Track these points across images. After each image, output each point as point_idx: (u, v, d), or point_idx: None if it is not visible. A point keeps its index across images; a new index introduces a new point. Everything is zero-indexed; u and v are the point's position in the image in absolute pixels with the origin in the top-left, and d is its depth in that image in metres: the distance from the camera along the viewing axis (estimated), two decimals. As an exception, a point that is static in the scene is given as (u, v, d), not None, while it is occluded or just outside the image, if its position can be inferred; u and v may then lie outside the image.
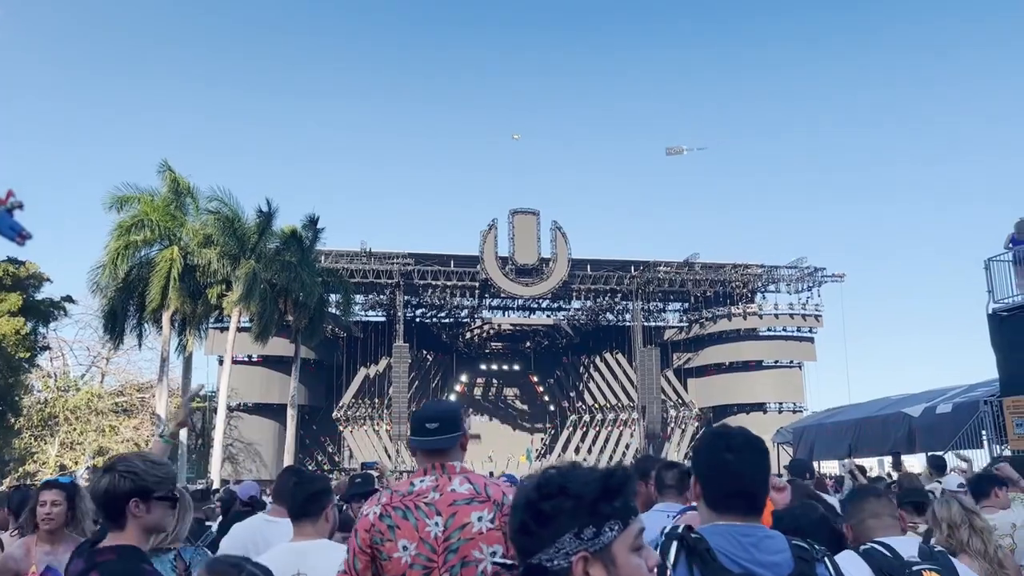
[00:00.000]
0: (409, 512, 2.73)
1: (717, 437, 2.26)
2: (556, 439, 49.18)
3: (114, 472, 2.60)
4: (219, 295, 28.95)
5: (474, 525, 2.71)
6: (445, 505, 2.74)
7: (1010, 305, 15.82)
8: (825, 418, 25.26)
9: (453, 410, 3.01)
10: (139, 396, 38.62)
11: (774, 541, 2.11)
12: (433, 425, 2.88)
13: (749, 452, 2.18)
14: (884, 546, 2.74)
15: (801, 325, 47.34)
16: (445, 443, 2.88)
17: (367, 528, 2.75)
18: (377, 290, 44.68)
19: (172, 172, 28.52)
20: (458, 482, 2.80)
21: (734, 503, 2.12)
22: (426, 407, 3.05)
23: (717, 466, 2.15)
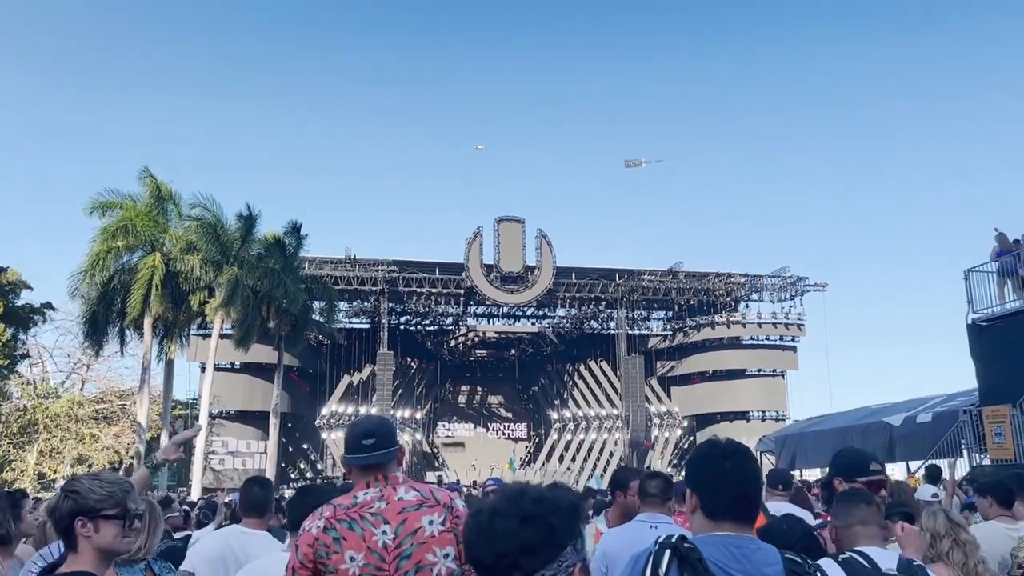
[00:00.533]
0: (355, 523, 2.72)
1: (712, 446, 2.29)
2: (540, 447, 49.14)
3: (59, 492, 2.58)
4: (201, 302, 28.78)
5: (426, 529, 2.72)
6: (394, 513, 2.74)
7: (989, 316, 16.02)
8: (807, 427, 25.41)
9: (388, 425, 3.02)
10: (120, 403, 38.20)
11: (766, 553, 2.13)
12: (369, 441, 2.86)
13: (743, 459, 2.22)
14: (864, 556, 2.73)
15: (784, 334, 47.67)
16: (382, 458, 2.87)
17: (310, 543, 2.71)
18: (361, 297, 44.56)
19: (153, 178, 28.38)
20: (403, 490, 2.81)
21: (734, 509, 2.15)
22: (360, 423, 3.02)
23: (715, 474, 2.17)
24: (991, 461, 14.61)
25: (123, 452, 36.46)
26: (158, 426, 31.97)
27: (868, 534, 2.93)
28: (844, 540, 2.98)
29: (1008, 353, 15.10)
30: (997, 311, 15.91)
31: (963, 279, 16.41)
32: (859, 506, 3.02)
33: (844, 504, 3.10)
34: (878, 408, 22.05)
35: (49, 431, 34.97)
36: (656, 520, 4.26)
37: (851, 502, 3.07)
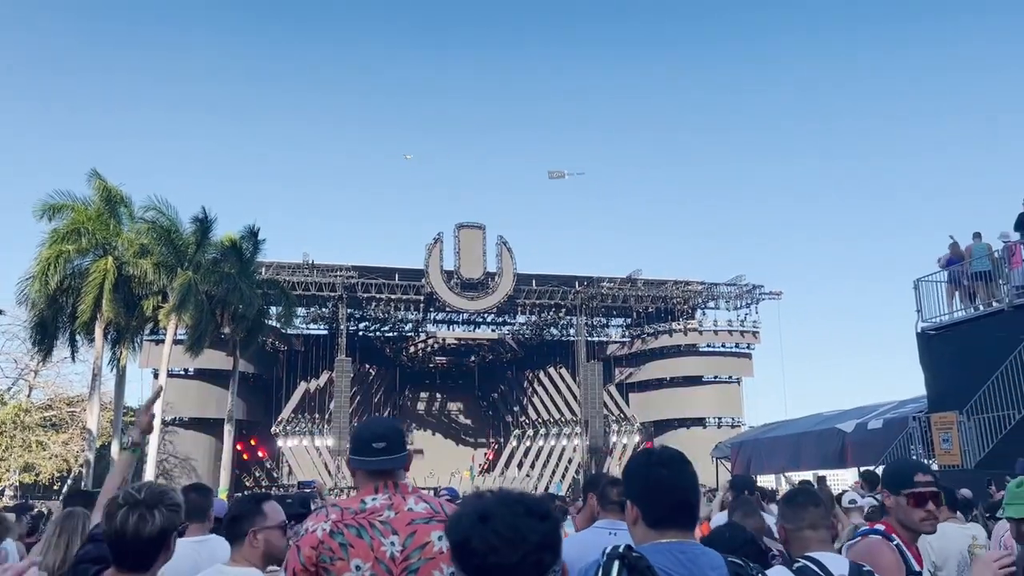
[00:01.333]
0: (364, 530, 2.60)
1: (647, 455, 2.30)
2: (500, 454, 49.08)
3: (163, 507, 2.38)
4: (155, 307, 28.22)
5: (435, 544, 2.62)
6: (403, 524, 2.64)
7: (937, 324, 16.45)
8: (762, 433, 25.84)
9: (399, 429, 2.90)
10: (69, 410, 37.24)
11: (710, 558, 2.15)
12: (380, 444, 2.74)
13: (681, 466, 2.24)
14: (816, 563, 2.69)
15: (740, 341, 48.36)
16: (393, 463, 2.76)
17: (314, 545, 2.58)
18: (319, 303, 44.09)
19: (102, 180, 27.74)
20: (413, 501, 2.71)
21: (674, 518, 2.16)
22: (370, 424, 2.91)
23: (655, 483, 2.18)
24: (939, 466, 14.98)
25: (72, 460, 35.53)
26: (108, 434, 31.24)
27: (818, 538, 2.90)
28: (793, 543, 2.94)
29: (955, 361, 15.52)
30: (945, 320, 16.35)
31: (913, 288, 16.83)
32: (808, 508, 2.98)
33: (793, 506, 3.04)
34: (831, 415, 22.52)
35: (-6, 439, 33.98)
36: (616, 527, 4.27)
37: (800, 504, 3.03)
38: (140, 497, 2.35)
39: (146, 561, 2.37)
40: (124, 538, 2.31)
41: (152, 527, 2.33)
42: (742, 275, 47.05)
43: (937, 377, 16.18)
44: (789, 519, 2.98)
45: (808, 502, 3.00)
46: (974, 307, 15.92)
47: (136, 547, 2.33)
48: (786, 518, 3.00)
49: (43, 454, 34.94)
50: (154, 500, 2.37)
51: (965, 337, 15.52)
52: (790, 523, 2.96)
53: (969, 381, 14.58)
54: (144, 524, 2.31)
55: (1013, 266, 14.83)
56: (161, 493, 2.42)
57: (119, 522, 2.31)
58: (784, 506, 3.08)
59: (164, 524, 2.35)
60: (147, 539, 2.32)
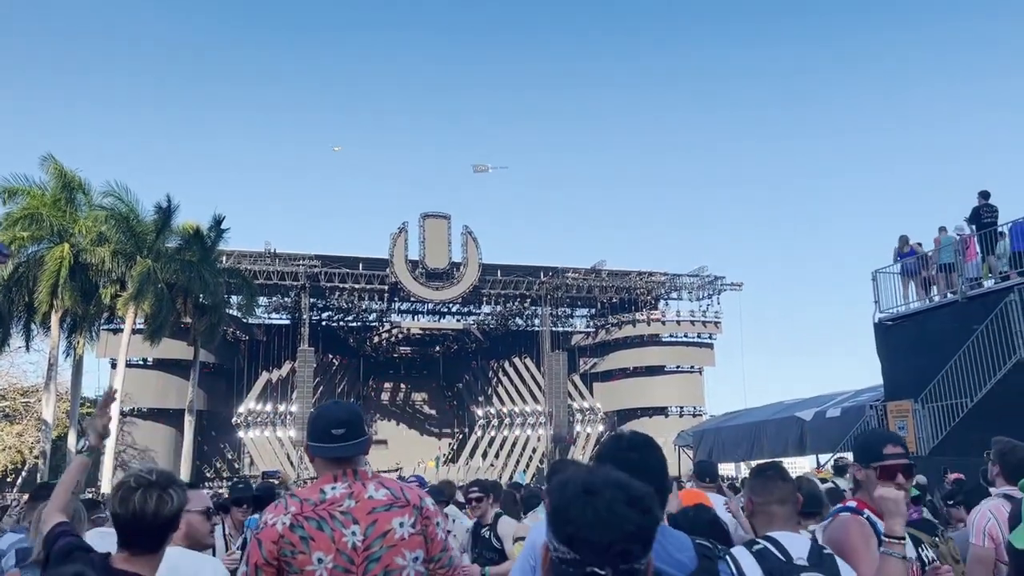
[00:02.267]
0: (324, 522, 2.56)
1: (618, 439, 2.34)
2: (464, 444, 49.15)
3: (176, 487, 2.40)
4: (113, 295, 27.67)
5: (396, 531, 2.60)
6: (363, 513, 2.60)
7: (894, 315, 16.81)
8: (724, 422, 26.19)
9: (358, 413, 2.83)
10: (23, 401, 36.39)
11: (679, 539, 2.20)
12: (340, 431, 2.68)
13: (650, 450, 2.28)
14: (776, 545, 2.66)
15: (702, 332, 48.96)
16: (353, 450, 2.70)
17: (275, 539, 2.54)
18: (281, 292, 43.61)
19: (57, 164, 27.05)
20: (373, 487, 2.66)
21: None
22: (329, 410, 2.81)
23: (624, 466, 2.21)
24: (894, 453, 15.32)
25: (26, 452, 34.76)
26: (65, 424, 30.63)
27: (785, 514, 2.83)
28: (759, 517, 2.87)
29: (911, 351, 15.89)
30: (902, 311, 16.71)
31: (871, 280, 17.18)
32: (777, 483, 2.89)
33: (763, 479, 2.93)
34: (790, 403, 22.92)
35: (-56, 430, 33.11)
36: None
37: (770, 478, 2.93)
38: (153, 479, 2.38)
39: (161, 540, 2.40)
40: (143, 520, 2.34)
41: (172, 507, 2.37)
42: (704, 266, 47.67)
43: (893, 366, 16.55)
44: (758, 492, 2.89)
45: (777, 476, 2.93)
46: (929, 298, 16.30)
47: (154, 528, 2.36)
48: (755, 491, 2.90)
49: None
50: (167, 481, 2.40)
51: (920, 327, 15.89)
52: (759, 496, 2.88)
53: (924, 370, 14.93)
54: (164, 505, 2.35)
55: (967, 259, 15.21)
56: (170, 474, 2.46)
57: (137, 505, 2.33)
58: (754, 479, 2.98)
59: (180, 503, 2.41)
60: (165, 519, 2.36)
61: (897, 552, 2.66)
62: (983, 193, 15.20)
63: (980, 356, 13.91)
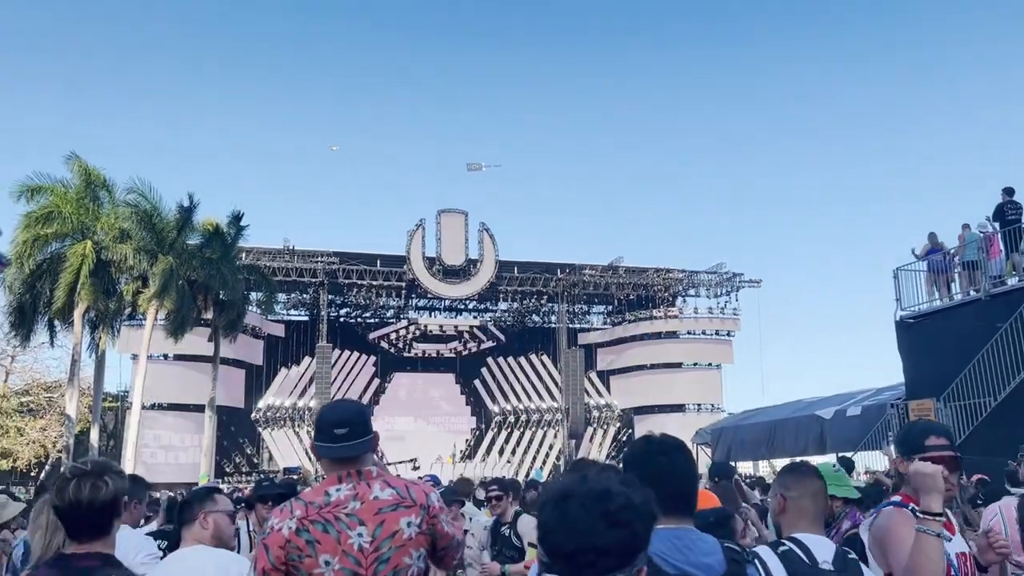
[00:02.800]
0: (330, 525, 2.56)
1: (647, 443, 2.33)
2: (481, 440, 49.23)
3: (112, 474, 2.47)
4: (135, 292, 27.95)
5: (404, 531, 2.61)
6: (370, 514, 2.60)
7: (916, 313, 16.68)
8: (742, 420, 26.10)
9: (362, 411, 2.81)
10: (47, 396, 36.88)
11: (707, 543, 2.18)
12: (342, 430, 2.67)
13: (680, 454, 2.27)
14: (802, 547, 2.61)
15: (720, 328, 48.71)
16: (356, 450, 2.68)
17: (281, 544, 2.54)
18: (300, 289, 43.88)
19: (81, 162, 27.30)
20: (379, 487, 2.66)
21: (673, 505, 2.17)
22: (332, 409, 2.81)
23: (654, 470, 2.19)
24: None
25: (50, 446, 35.23)
26: (87, 419, 30.98)
27: (814, 512, 2.78)
28: (790, 514, 2.80)
29: (933, 349, 15.76)
30: (923, 308, 16.58)
31: (892, 277, 17.05)
32: (812, 478, 2.85)
33: (796, 474, 2.89)
34: (810, 402, 22.80)
35: (-30, 425, 33.60)
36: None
37: (804, 473, 2.89)
38: (88, 468, 2.45)
39: (104, 527, 2.45)
40: (80, 507, 2.39)
41: (106, 493, 2.41)
42: (722, 263, 47.42)
43: (915, 365, 16.43)
44: (791, 487, 2.82)
45: (812, 472, 2.90)
46: (951, 296, 16.16)
47: (92, 513, 2.41)
48: (787, 486, 2.84)
49: (20, 440, 34.61)
50: (102, 469, 2.47)
51: (943, 325, 15.76)
52: (793, 491, 2.80)
53: (946, 369, 14.82)
54: (98, 491, 2.40)
55: (991, 256, 15.06)
56: (106, 462, 2.54)
57: (72, 493, 2.39)
58: (786, 475, 2.93)
59: (116, 489, 2.45)
60: (102, 503, 2.41)
61: (932, 530, 2.60)
62: (1007, 190, 15.05)
63: (1004, 354, 13.79)
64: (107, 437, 41.66)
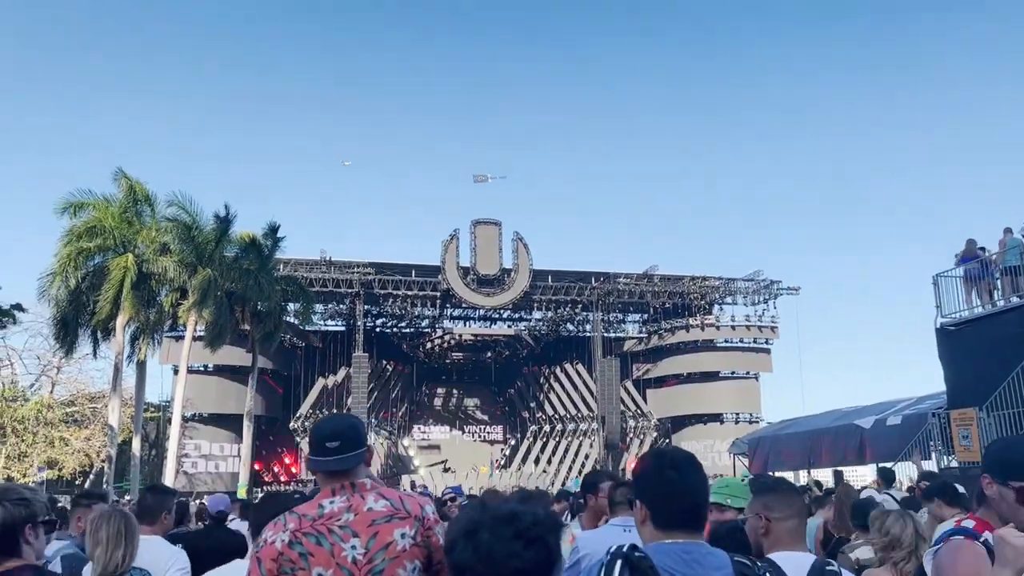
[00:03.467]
0: (323, 537, 2.55)
1: (659, 457, 2.29)
2: (516, 450, 49.17)
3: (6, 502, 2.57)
4: (174, 303, 28.47)
5: (398, 543, 2.59)
6: (364, 526, 2.58)
7: (957, 320, 16.29)
8: (780, 429, 25.66)
9: (354, 425, 2.79)
10: (91, 406, 37.66)
11: (716, 557, 2.15)
12: (333, 444, 2.65)
13: (691, 469, 2.23)
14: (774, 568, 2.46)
15: (757, 337, 48.08)
16: (346, 463, 2.67)
17: (274, 557, 2.53)
18: (337, 299, 44.33)
19: (128, 179, 28.00)
20: (372, 499, 2.65)
21: (683, 519, 2.16)
22: (324, 423, 2.78)
23: (664, 485, 2.18)
24: (958, 463, 14.87)
25: (94, 456, 35.95)
26: (129, 429, 31.57)
27: (798, 533, 2.69)
28: (773, 535, 2.70)
29: (975, 357, 15.37)
30: (965, 315, 16.19)
31: (932, 284, 16.68)
32: (795, 496, 2.75)
33: (778, 494, 2.75)
34: (849, 410, 22.33)
35: (17, 435, 34.38)
36: (628, 523, 4.31)
37: (785, 492, 2.77)
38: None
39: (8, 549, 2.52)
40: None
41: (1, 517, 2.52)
42: (760, 270, 46.90)
43: (956, 373, 16.03)
44: (776, 508, 2.71)
45: (792, 490, 2.82)
46: (993, 303, 15.77)
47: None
48: (771, 508, 2.71)
49: (66, 450, 35.36)
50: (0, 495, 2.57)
51: (985, 332, 15.36)
52: (777, 512, 2.70)
53: (989, 377, 14.44)
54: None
55: (1035, 261, 14.69)
56: (6, 490, 2.62)
57: None
58: (767, 495, 2.78)
59: (7, 516, 2.52)
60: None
61: None
62: (1050, 193, 14.64)
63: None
64: (148, 447, 42.42)
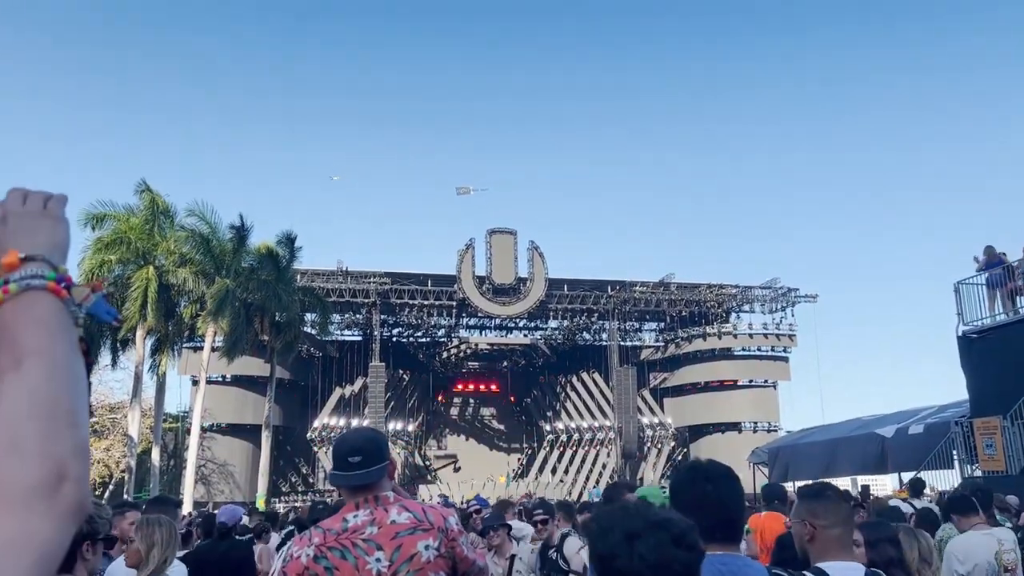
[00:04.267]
0: (347, 551, 2.57)
1: (694, 470, 2.30)
2: (533, 459, 49.03)
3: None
4: (193, 314, 28.70)
5: (422, 555, 2.60)
6: (387, 539, 2.60)
7: (979, 328, 16.13)
8: (799, 438, 25.44)
9: (376, 439, 2.84)
10: (110, 417, 37.99)
11: (753, 569, 2.16)
12: (356, 458, 2.69)
13: (727, 481, 2.24)
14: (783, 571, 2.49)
15: (775, 345, 47.72)
16: (369, 477, 2.70)
17: (299, 572, 2.56)
18: (353, 309, 44.49)
19: (151, 192, 28.32)
20: (396, 512, 2.67)
21: (719, 532, 2.15)
22: (346, 437, 2.84)
23: (699, 498, 2.18)
24: (982, 472, 14.69)
25: (113, 466, 36.21)
26: (149, 439, 31.79)
27: (846, 538, 2.66)
28: (818, 543, 2.66)
29: (998, 365, 15.20)
30: (987, 323, 16.03)
31: (953, 291, 16.53)
32: (841, 504, 2.71)
33: (824, 501, 2.71)
34: (870, 419, 22.11)
35: (39, 445, 34.68)
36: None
37: (831, 499, 2.72)
38: None
39: None
40: None
41: None
42: (777, 278, 46.59)
43: (979, 381, 15.86)
44: (821, 515, 2.66)
45: (838, 497, 2.75)
46: (1016, 310, 15.60)
47: None
48: (817, 514, 2.66)
49: (86, 460, 35.65)
50: None
51: (1008, 340, 15.20)
52: (823, 519, 2.65)
53: (1013, 385, 14.28)
54: None
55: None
56: None
57: None
58: (812, 501, 2.73)
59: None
60: None
61: None
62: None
63: (1073, 370, 13.23)
64: (167, 457, 42.69)
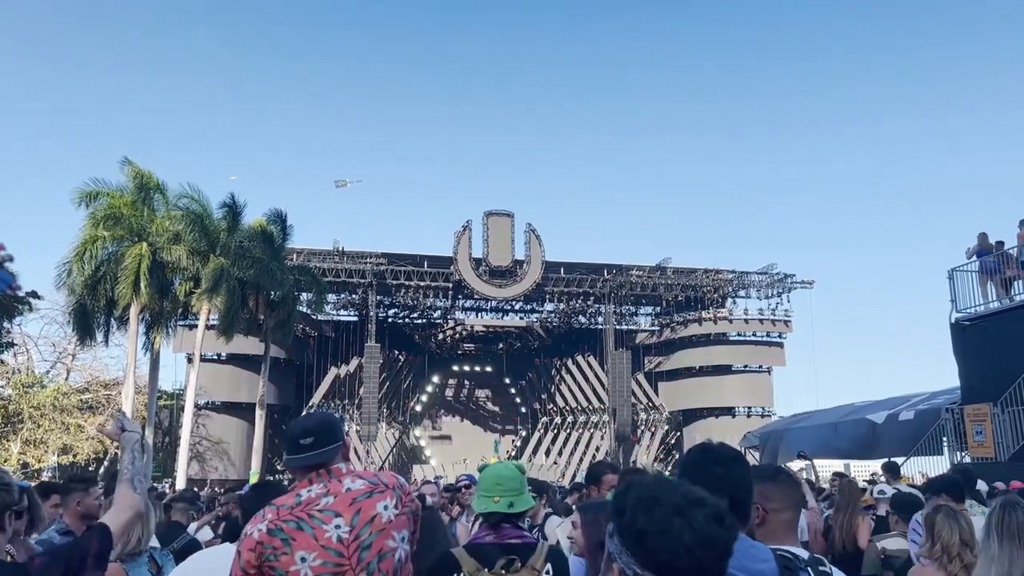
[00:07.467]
0: (304, 523, 2.58)
1: (704, 451, 2.30)
2: (527, 441, 49.25)
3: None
4: (187, 292, 28.64)
5: (382, 515, 2.65)
6: (345, 505, 2.62)
7: (972, 315, 16.15)
8: (792, 423, 25.58)
9: (328, 421, 2.86)
10: (105, 393, 38.00)
11: (759, 550, 2.16)
12: (308, 440, 2.71)
13: (736, 464, 2.26)
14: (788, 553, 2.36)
15: (771, 330, 47.88)
16: (323, 457, 2.72)
17: (252, 547, 2.55)
18: (349, 289, 44.49)
19: (134, 167, 28.07)
20: (350, 480, 2.70)
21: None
22: (298, 422, 2.85)
23: (708, 480, 2.13)
24: (972, 459, 14.77)
25: (108, 442, 36.22)
26: (143, 416, 31.84)
27: (794, 522, 2.53)
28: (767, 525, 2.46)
29: (990, 352, 15.24)
30: (980, 311, 16.05)
31: (947, 279, 16.54)
32: (793, 486, 2.56)
33: (777, 484, 2.52)
34: (862, 405, 22.23)
35: (34, 421, 34.74)
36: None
37: (783, 481, 2.56)
38: None
39: None
40: None
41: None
42: (773, 264, 46.67)
43: (971, 368, 15.90)
44: (773, 498, 2.47)
45: (790, 479, 2.58)
46: (1009, 297, 15.62)
47: None
48: (769, 497, 2.46)
49: (81, 436, 35.70)
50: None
51: (1000, 328, 15.22)
52: (774, 503, 2.47)
53: (1004, 373, 14.32)
54: None
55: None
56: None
57: None
58: (766, 484, 2.49)
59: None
60: None
61: None
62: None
63: (1064, 358, 13.26)
64: (162, 435, 42.79)
